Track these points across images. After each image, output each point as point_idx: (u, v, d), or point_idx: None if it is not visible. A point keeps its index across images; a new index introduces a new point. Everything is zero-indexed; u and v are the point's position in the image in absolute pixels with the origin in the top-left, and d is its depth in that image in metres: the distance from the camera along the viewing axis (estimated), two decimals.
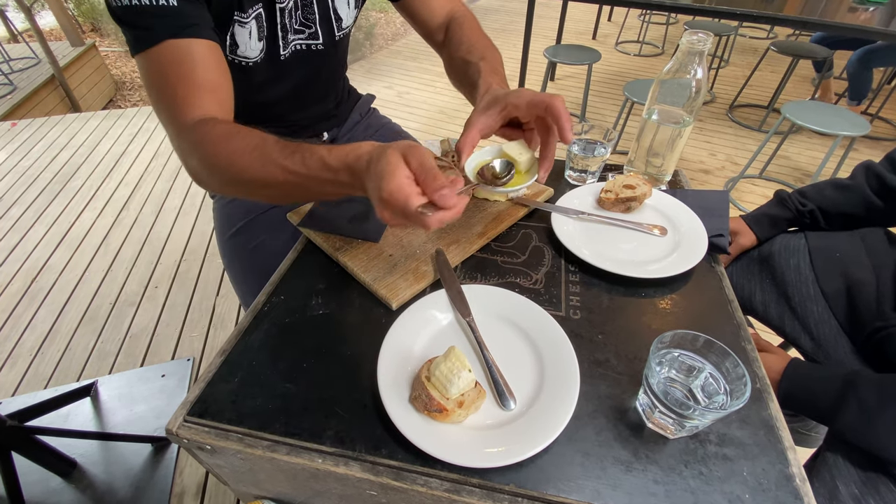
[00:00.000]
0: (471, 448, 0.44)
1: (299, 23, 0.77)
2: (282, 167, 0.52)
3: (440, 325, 0.57)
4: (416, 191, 0.45)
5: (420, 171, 0.45)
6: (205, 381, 0.52)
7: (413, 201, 0.44)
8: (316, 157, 0.51)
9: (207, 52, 0.59)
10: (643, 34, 4.24)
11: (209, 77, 0.59)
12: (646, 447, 0.45)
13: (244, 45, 0.71)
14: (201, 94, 0.58)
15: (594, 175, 0.80)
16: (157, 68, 0.57)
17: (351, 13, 0.82)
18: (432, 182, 0.44)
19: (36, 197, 2.40)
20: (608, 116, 3.09)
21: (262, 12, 0.70)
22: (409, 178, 0.45)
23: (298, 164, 0.51)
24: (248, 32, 0.69)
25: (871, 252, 0.74)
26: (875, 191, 0.77)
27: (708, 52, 0.67)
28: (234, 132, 0.56)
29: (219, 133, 0.56)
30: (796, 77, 3.48)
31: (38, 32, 3.58)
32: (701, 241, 0.66)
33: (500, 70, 0.72)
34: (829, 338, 0.73)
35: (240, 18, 0.68)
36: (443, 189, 0.44)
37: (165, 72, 0.57)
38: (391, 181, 0.44)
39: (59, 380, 1.52)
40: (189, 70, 0.57)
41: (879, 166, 0.78)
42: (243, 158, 0.54)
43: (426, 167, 0.45)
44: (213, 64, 0.59)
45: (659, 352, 0.46)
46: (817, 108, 2.02)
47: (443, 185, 0.44)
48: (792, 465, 0.44)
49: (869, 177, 0.78)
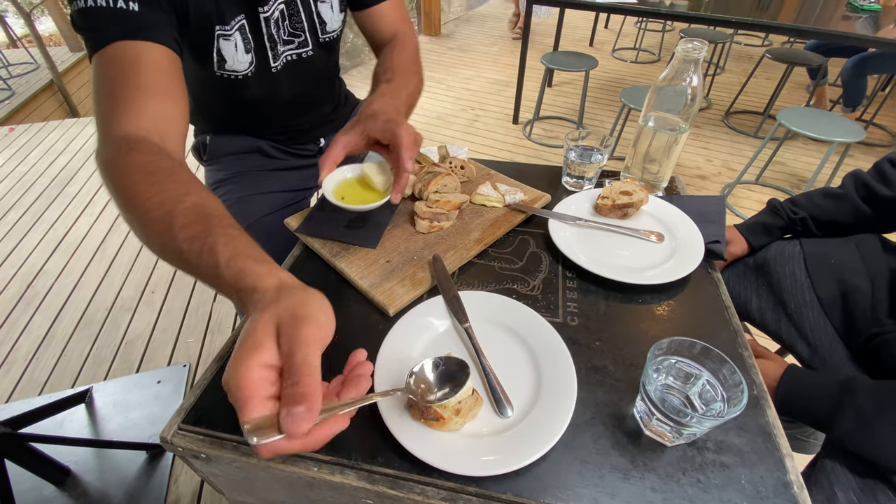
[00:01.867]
0: (468, 456, 0.44)
1: (288, 33, 0.78)
2: (176, 247, 0.42)
3: (437, 331, 0.57)
4: (263, 393, 0.31)
5: (286, 358, 0.32)
6: (200, 388, 0.51)
7: (249, 408, 0.30)
8: (211, 254, 0.40)
9: (160, 57, 0.56)
10: (640, 41, 4.27)
11: (157, 82, 0.55)
12: (643, 455, 0.45)
13: (231, 58, 0.71)
14: (144, 99, 0.53)
15: (591, 181, 0.80)
16: (103, 70, 0.54)
17: (336, 17, 0.83)
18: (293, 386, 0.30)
19: (33, 202, 2.39)
20: (605, 122, 3.11)
21: (245, 23, 0.70)
22: (265, 368, 0.32)
23: (194, 252, 0.41)
24: (234, 45, 0.70)
25: (866, 258, 0.75)
26: (864, 199, 0.78)
27: (704, 59, 0.68)
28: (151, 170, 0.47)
29: (135, 165, 0.48)
30: (791, 84, 3.51)
31: (38, 38, 3.58)
32: (698, 248, 0.66)
33: (400, 94, 0.71)
34: (825, 344, 0.73)
35: (223, 32, 0.68)
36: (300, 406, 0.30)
37: (110, 73, 0.54)
38: (237, 365, 0.31)
39: (54, 386, 1.51)
40: (134, 72, 0.53)
41: (867, 175, 0.79)
42: (147, 210, 0.45)
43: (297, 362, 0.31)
44: (163, 69, 0.56)
45: (656, 359, 0.46)
46: (812, 115, 2.04)
47: (306, 395, 0.30)
48: (790, 473, 0.44)
49: (857, 185, 0.79)
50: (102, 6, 0.53)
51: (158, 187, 0.46)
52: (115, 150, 0.50)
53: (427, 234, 0.70)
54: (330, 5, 0.80)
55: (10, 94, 3.58)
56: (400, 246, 0.68)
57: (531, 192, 0.79)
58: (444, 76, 3.83)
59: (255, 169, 0.96)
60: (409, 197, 0.78)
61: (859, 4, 2.59)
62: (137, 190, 0.46)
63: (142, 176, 0.47)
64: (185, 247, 0.42)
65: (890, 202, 0.75)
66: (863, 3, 2.58)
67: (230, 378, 0.31)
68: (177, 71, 0.59)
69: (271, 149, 0.97)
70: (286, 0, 0.75)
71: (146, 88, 0.54)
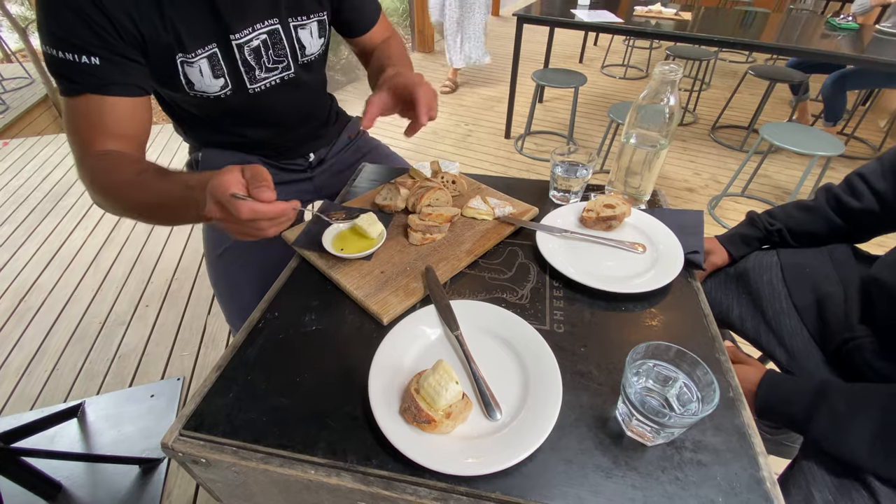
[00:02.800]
0: (458, 457, 0.46)
1: (272, 61, 0.81)
2: (152, 190, 0.61)
3: (429, 339, 0.59)
4: (237, 184, 0.50)
5: (251, 177, 0.51)
6: (200, 395, 0.53)
7: (230, 188, 0.49)
8: (179, 180, 0.59)
9: (121, 107, 0.67)
10: (628, 58, 4.39)
11: (117, 128, 0.67)
12: (625, 454, 0.48)
13: (199, 82, 0.75)
14: (107, 139, 0.67)
15: (577, 195, 0.84)
16: (76, 114, 0.66)
17: (315, 42, 0.86)
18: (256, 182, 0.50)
19: (27, 216, 2.39)
20: (595, 137, 3.18)
21: (217, 51, 0.74)
22: (237, 178, 0.50)
23: (165, 186, 0.60)
24: (199, 70, 0.74)
25: (839, 267, 0.78)
26: (835, 211, 0.82)
27: (685, 76, 0.71)
28: (121, 165, 0.64)
29: (108, 166, 0.65)
30: (774, 99, 3.61)
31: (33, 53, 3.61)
32: (678, 258, 0.69)
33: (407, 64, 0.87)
34: (802, 349, 0.77)
35: (185, 59, 0.72)
36: (262, 186, 0.50)
37: (81, 119, 0.66)
38: (220, 176, 0.50)
39: (46, 400, 1.51)
40: (99, 121, 0.66)
41: (838, 189, 0.83)
42: (124, 187, 0.63)
43: (256, 174, 0.51)
44: (125, 117, 0.68)
45: (635, 363, 0.49)
46: (794, 130, 2.11)
47: (264, 184, 0.50)
48: (763, 470, 0.46)
49: (829, 198, 0.83)
50: (71, 60, 0.62)
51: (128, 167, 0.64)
52: (92, 165, 0.66)
53: (420, 245, 0.73)
54: (309, 31, 0.84)
55: (5, 109, 3.59)
56: (394, 257, 0.71)
57: (520, 206, 0.82)
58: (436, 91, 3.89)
59: None
60: (403, 210, 0.81)
61: (837, 23, 2.69)
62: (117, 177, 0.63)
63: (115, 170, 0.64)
64: (158, 186, 0.60)
65: (859, 214, 0.79)
66: (841, 22, 2.69)
67: (217, 182, 0.50)
68: (139, 111, 0.70)
69: (261, 164, 0.99)
70: (269, 31, 0.78)
71: (110, 132, 0.67)
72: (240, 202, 0.48)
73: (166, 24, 0.68)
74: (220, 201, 0.49)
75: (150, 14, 0.66)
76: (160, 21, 0.67)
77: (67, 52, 0.62)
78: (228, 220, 0.51)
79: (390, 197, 0.81)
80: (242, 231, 0.53)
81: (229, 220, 0.51)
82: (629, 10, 2.81)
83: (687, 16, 2.74)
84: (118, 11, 0.63)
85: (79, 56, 0.62)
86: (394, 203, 0.80)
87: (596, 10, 2.79)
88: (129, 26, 0.65)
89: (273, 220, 0.52)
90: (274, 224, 0.52)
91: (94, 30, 0.62)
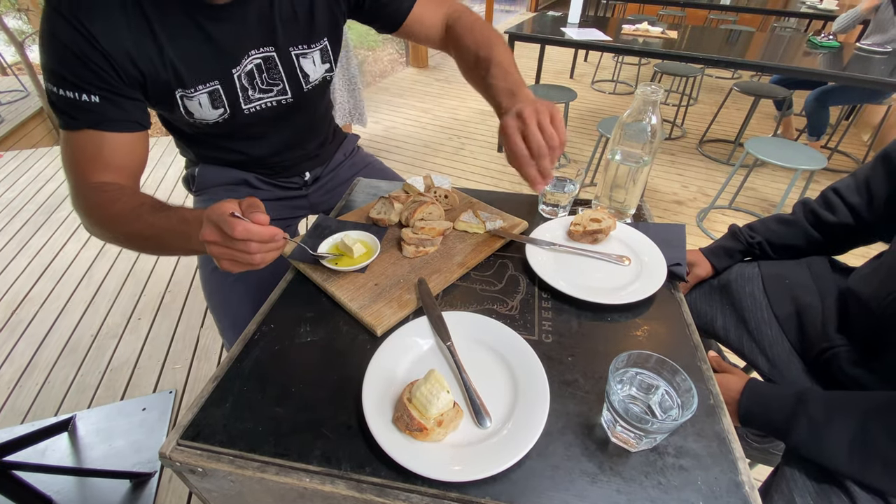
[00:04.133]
0: (450, 464, 0.47)
1: (266, 83, 0.82)
2: (149, 223, 0.62)
3: (422, 349, 0.61)
4: (235, 207, 0.52)
5: (247, 206, 0.53)
6: (197, 406, 0.54)
7: (227, 209, 0.51)
8: (177, 214, 0.61)
9: (119, 142, 0.69)
10: (617, 74, 4.49)
11: (114, 162, 0.69)
12: (610, 460, 0.49)
13: (197, 112, 0.77)
14: (104, 171, 0.69)
15: (565, 209, 0.86)
16: (74, 147, 0.68)
17: (319, 69, 0.87)
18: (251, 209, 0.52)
19: (20, 228, 2.39)
20: (585, 151, 3.24)
21: (219, 87, 0.76)
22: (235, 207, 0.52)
23: (162, 219, 0.61)
24: (198, 103, 0.76)
25: (817, 278, 0.81)
26: (812, 225, 0.86)
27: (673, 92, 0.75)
28: (117, 198, 0.66)
29: (105, 199, 0.66)
30: (760, 114, 3.71)
31: (29, 66, 3.63)
32: (661, 270, 0.71)
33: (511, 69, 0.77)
34: (783, 358, 0.79)
35: (185, 94, 0.74)
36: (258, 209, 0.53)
37: (79, 152, 0.68)
38: (217, 205, 0.52)
39: (37, 414, 1.49)
40: (97, 155, 0.68)
41: (814, 203, 0.86)
42: (120, 219, 0.65)
43: (252, 203, 0.53)
44: (123, 151, 0.70)
45: (617, 371, 0.51)
46: (778, 144, 2.17)
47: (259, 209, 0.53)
48: (742, 474, 0.48)
49: (806, 212, 0.87)
50: (71, 97, 0.65)
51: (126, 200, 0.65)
52: (89, 197, 0.67)
53: (413, 258, 0.75)
54: (312, 60, 0.84)
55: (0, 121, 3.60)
56: (388, 270, 0.73)
57: (510, 219, 0.84)
58: (431, 106, 3.96)
59: None
60: (397, 224, 0.83)
61: (819, 42, 2.78)
62: (115, 209, 0.65)
63: (113, 202, 0.66)
64: (155, 220, 0.62)
65: (835, 227, 0.83)
66: (822, 41, 2.78)
67: (215, 207, 0.51)
68: (137, 145, 0.72)
69: (257, 181, 1.01)
70: (263, 56, 0.79)
71: (107, 167, 0.69)
72: (234, 220, 0.50)
73: (165, 62, 0.70)
74: (216, 221, 0.51)
75: (148, 53, 0.68)
76: (159, 59, 0.69)
77: (68, 90, 0.64)
78: (221, 243, 0.52)
79: (384, 211, 0.83)
80: (232, 256, 0.53)
81: (222, 243, 0.52)
82: (617, 29, 2.89)
83: (673, 34, 2.82)
84: (117, 52, 0.65)
85: (79, 94, 0.65)
86: (388, 217, 0.82)
87: (585, 28, 2.86)
88: (129, 66, 0.67)
89: (264, 243, 0.53)
90: (263, 249, 0.53)
91: (93, 69, 0.64)
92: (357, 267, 0.71)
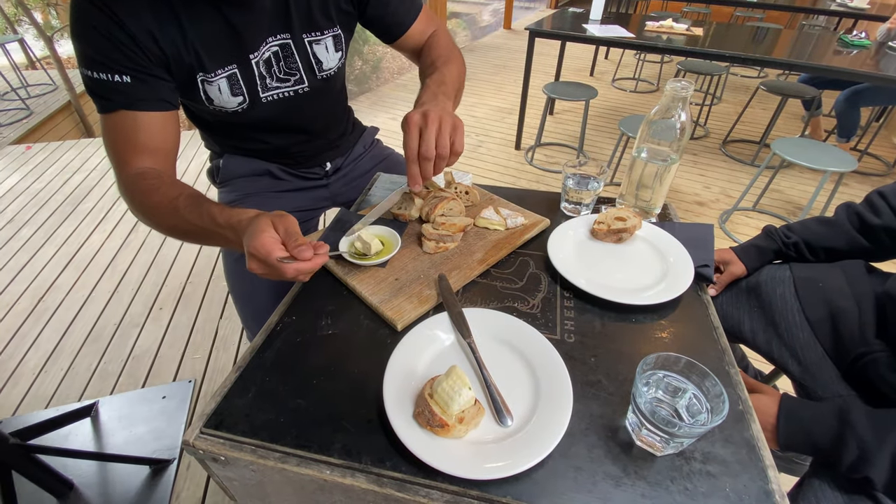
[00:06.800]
0: (470, 461, 0.47)
1: (284, 73, 0.84)
2: (186, 219, 0.63)
3: (442, 345, 0.60)
4: (278, 246, 0.53)
5: (285, 235, 0.54)
6: (221, 395, 0.55)
7: (275, 253, 0.53)
8: (209, 215, 0.61)
9: (151, 122, 0.71)
10: (639, 72, 4.41)
11: (149, 142, 0.71)
12: (634, 464, 0.48)
13: (217, 98, 0.79)
14: (140, 155, 0.70)
15: (588, 207, 0.85)
16: (111, 130, 0.70)
17: (332, 56, 0.88)
18: (293, 241, 0.54)
19: (47, 218, 2.46)
20: (605, 149, 3.19)
21: (236, 72, 0.78)
22: (275, 238, 0.54)
23: (196, 217, 0.63)
24: (218, 88, 0.77)
25: (852, 282, 0.78)
26: (857, 229, 0.83)
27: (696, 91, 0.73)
28: (157, 187, 0.67)
29: (145, 188, 0.68)
30: (786, 114, 3.61)
31: (57, 60, 3.73)
32: (688, 271, 0.70)
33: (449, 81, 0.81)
34: (815, 363, 0.76)
35: (205, 78, 0.75)
36: (302, 246, 0.54)
37: (116, 134, 0.70)
38: (257, 238, 0.53)
39: (61, 399, 1.54)
40: (133, 135, 0.70)
41: (859, 206, 0.84)
42: (160, 210, 0.66)
43: (289, 232, 0.54)
44: (155, 132, 0.71)
45: (644, 373, 0.50)
46: (806, 145, 2.10)
47: (302, 243, 0.54)
48: (772, 483, 0.47)
49: (850, 215, 0.84)
50: (104, 79, 0.67)
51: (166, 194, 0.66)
52: (131, 184, 0.69)
53: (433, 254, 0.75)
54: (325, 46, 0.86)
55: (29, 114, 3.71)
56: (408, 265, 0.73)
57: (531, 217, 0.83)
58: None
59: (264, 190, 1.02)
60: (417, 219, 0.83)
61: (850, 40, 2.69)
62: (153, 199, 0.67)
63: (152, 192, 0.67)
64: (190, 216, 0.63)
65: (880, 231, 0.80)
66: (853, 39, 2.69)
67: (258, 244, 0.53)
68: (168, 124, 0.73)
69: (280, 171, 1.02)
70: (280, 43, 0.81)
71: (143, 147, 0.71)
72: (285, 265, 0.53)
73: (188, 45, 0.72)
74: (265, 263, 0.54)
75: (172, 35, 0.70)
76: (182, 42, 0.71)
77: (100, 71, 0.67)
78: (269, 275, 0.56)
79: (405, 206, 0.83)
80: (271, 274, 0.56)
81: (270, 275, 0.55)
82: (640, 25, 2.84)
83: (698, 31, 2.76)
84: (141, 32, 0.67)
85: (111, 75, 0.67)
86: (408, 212, 0.82)
87: (607, 24, 2.82)
88: (153, 46, 0.69)
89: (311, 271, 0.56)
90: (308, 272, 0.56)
91: (122, 50, 0.66)
92: (378, 261, 0.71)
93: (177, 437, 1.40)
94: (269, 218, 0.56)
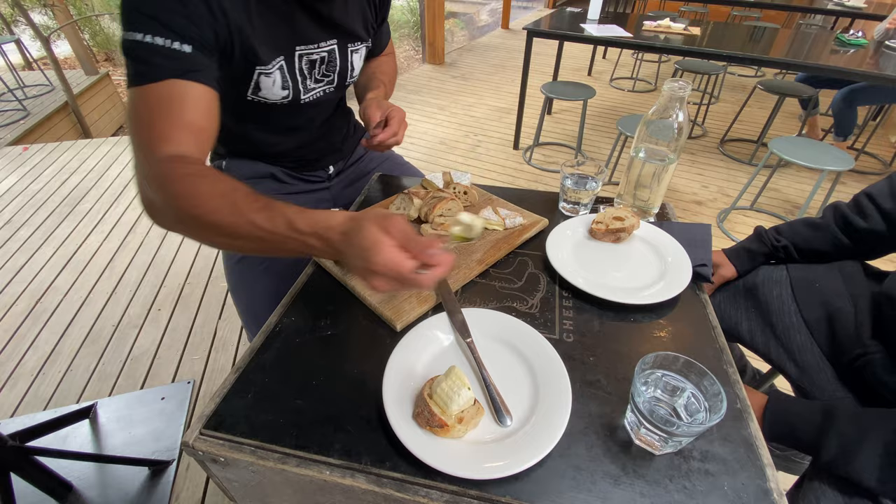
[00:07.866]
0: (470, 461, 0.47)
1: (322, 74, 0.85)
2: (249, 220, 0.53)
3: (441, 345, 0.60)
4: (405, 257, 0.48)
5: (404, 239, 0.48)
6: (220, 396, 0.55)
7: (407, 266, 0.47)
8: (283, 218, 0.53)
9: (202, 97, 0.62)
10: (637, 71, 4.42)
11: (196, 120, 0.62)
12: (633, 462, 0.48)
13: (267, 89, 0.78)
14: (183, 133, 0.60)
15: (586, 207, 0.85)
16: (150, 102, 0.60)
17: (360, 64, 0.93)
18: (419, 246, 0.48)
19: (44, 219, 2.45)
20: (603, 149, 3.20)
21: (283, 64, 0.78)
22: (396, 248, 0.48)
23: (265, 220, 0.53)
24: (273, 81, 0.77)
25: (849, 283, 0.79)
26: (842, 230, 0.83)
27: (694, 90, 0.73)
28: (205, 173, 0.57)
29: (189, 172, 0.57)
30: (784, 113, 3.62)
31: (54, 61, 3.71)
32: (686, 271, 0.70)
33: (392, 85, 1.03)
34: (812, 364, 0.77)
35: (263, 70, 0.75)
36: (431, 249, 0.48)
37: (157, 106, 0.60)
38: (380, 254, 0.47)
39: (59, 401, 1.53)
40: (179, 109, 0.60)
41: (845, 207, 0.83)
42: (212, 202, 0.54)
43: (408, 235, 0.48)
44: (204, 109, 0.63)
45: (643, 372, 0.50)
46: (804, 144, 2.11)
47: (430, 245, 0.48)
48: (770, 481, 0.47)
49: (836, 217, 0.84)
50: (158, 45, 0.58)
51: (218, 184, 0.56)
52: (165, 166, 0.57)
53: None
54: (360, 56, 0.90)
55: (26, 115, 3.69)
56: None
57: (530, 217, 0.83)
58: (447, 103, 3.95)
59: (267, 193, 1.01)
60: (416, 220, 0.83)
61: (847, 39, 2.70)
62: (201, 187, 0.55)
63: (199, 177, 0.56)
64: (257, 217, 0.53)
65: (866, 233, 0.80)
66: (850, 38, 2.70)
67: (384, 261, 0.47)
68: (215, 107, 0.65)
69: (283, 174, 1.02)
70: (328, 50, 0.83)
71: (188, 125, 0.60)
72: (421, 277, 0.48)
73: (253, 32, 0.69)
74: (398, 279, 0.48)
75: (240, 20, 0.67)
76: (249, 27, 0.68)
77: (159, 35, 0.59)
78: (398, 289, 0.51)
79: (403, 206, 0.83)
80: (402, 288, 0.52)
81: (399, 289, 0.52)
82: (638, 25, 2.84)
83: (696, 31, 2.77)
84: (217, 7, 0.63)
85: (171, 41, 0.59)
86: (407, 212, 0.82)
87: (605, 24, 2.82)
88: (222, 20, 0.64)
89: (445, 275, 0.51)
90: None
91: (194, 19, 0.61)
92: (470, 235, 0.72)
93: (176, 439, 1.40)
94: (375, 224, 0.49)
